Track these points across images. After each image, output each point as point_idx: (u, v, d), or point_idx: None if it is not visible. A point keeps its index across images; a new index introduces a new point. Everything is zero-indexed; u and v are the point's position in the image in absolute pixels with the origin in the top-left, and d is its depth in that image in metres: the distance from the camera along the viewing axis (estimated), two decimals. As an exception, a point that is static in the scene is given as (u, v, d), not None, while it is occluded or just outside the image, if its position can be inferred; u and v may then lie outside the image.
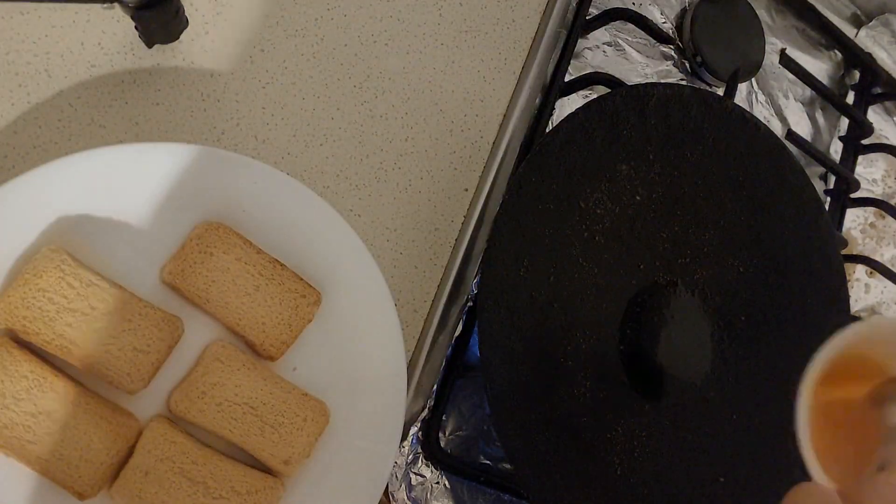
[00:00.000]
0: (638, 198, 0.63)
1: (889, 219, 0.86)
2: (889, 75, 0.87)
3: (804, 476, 0.61)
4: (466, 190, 0.64)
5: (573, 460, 0.58)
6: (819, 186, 0.83)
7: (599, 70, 0.70)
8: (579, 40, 0.69)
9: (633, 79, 0.73)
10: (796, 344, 0.67)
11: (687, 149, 0.64)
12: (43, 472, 0.46)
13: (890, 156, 0.87)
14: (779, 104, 0.83)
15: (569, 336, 0.59)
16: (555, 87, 0.67)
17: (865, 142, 0.85)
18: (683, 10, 0.77)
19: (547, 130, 0.65)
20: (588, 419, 0.59)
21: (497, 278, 0.55)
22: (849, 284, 0.82)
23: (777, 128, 0.82)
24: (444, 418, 0.60)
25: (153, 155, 0.51)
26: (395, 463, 0.57)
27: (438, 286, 0.62)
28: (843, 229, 0.83)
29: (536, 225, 0.57)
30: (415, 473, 0.59)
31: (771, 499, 0.65)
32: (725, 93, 0.71)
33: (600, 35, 0.72)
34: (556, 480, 0.56)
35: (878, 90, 0.87)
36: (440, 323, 0.61)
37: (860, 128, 0.84)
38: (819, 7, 0.84)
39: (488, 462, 0.62)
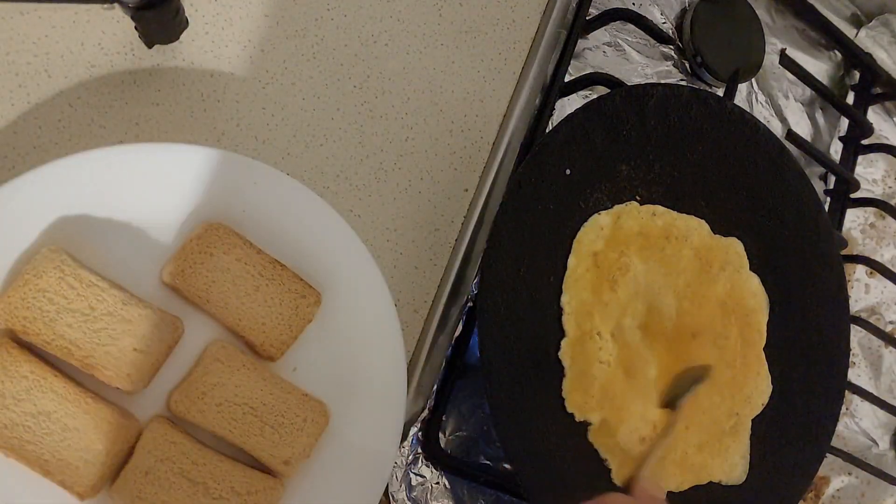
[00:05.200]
0: (638, 198, 0.63)
1: (889, 219, 0.86)
2: (889, 75, 0.87)
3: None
4: (466, 190, 0.64)
5: (574, 460, 0.58)
6: (819, 186, 0.83)
7: (599, 70, 0.70)
8: (579, 40, 0.69)
9: (633, 79, 0.72)
10: (796, 344, 0.67)
11: (686, 149, 0.64)
12: (43, 473, 0.46)
13: (890, 156, 0.87)
14: (779, 104, 0.83)
15: (569, 336, 0.59)
16: (555, 88, 0.67)
17: (865, 142, 0.85)
18: (683, 10, 0.77)
19: (547, 130, 0.65)
20: (588, 419, 0.59)
21: (497, 278, 0.55)
22: (849, 284, 0.82)
23: (777, 128, 0.82)
24: (444, 419, 0.60)
25: (153, 155, 0.51)
26: (395, 463, 0.57)
27: (438, 286, 0.62)
28: (843, 229, 0.83)
29: (536, 225, 0.57)
30: (415, 473, 0.59)
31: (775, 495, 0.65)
32: (725, 93, 0.71)
33: (600, 35, 0.72)
34: (557, 480, 0.56)
35: (878, 90, 0.87)
36: (440, 323, 0.61)
37: (860, 128, 0.84)
38: (819, 7, 0.84)
39: (488, 462, 0.62)
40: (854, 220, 0.86)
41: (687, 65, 0.77)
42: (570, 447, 0.58)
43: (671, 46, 0.75)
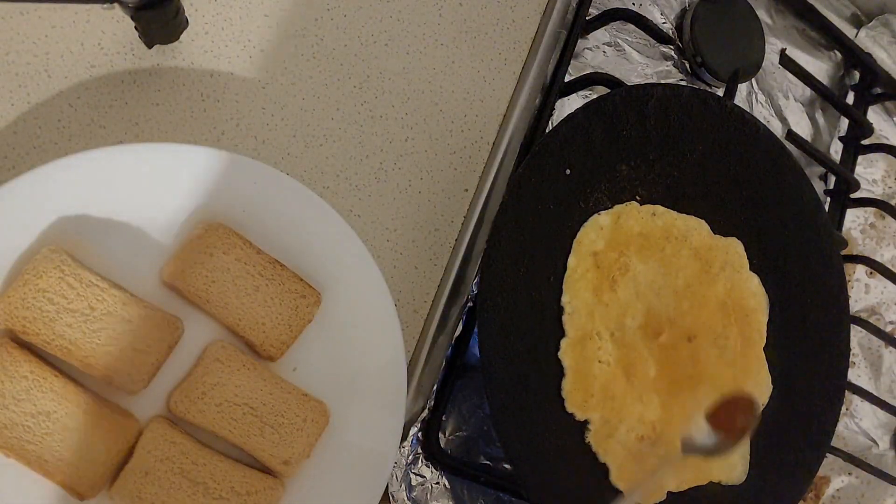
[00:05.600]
0: (638, 198, 0.63)
1: (889, 219, 0.86)
2: (889, 75, 0.87)
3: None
4: (466, 190, 0.64)
5: (573, 460, 0.58)
6: (819, 187, 0.83)
7: (599, 70, 0.70)
8: (579, 40, 0.69)
9: (633, 79, 0.72)
10: (796, 344, 0.67)
11: (686, 149, 0.64)
12: (43, 473, 0.46)
13: (890, 156, 0.87)
14: (779, 104, 0.82)
15: (569, 336, 0.59)
16: (555, 88, 0.67)
17: (865, 142, 0.85)
18: (683, 10, 0.77)
19: (547, 131, 0.65)
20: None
21: (497, 278, 0.55)
22: (849, 284, 0.82)
23: (777, 128, 0.82)
24: (444, 419, 0.60)
25: (153, 155, 0.51)
26: (395, 463, 0.57)
27: (438, 286, 0.62)
28: (843, 229, 0.83)
29: (536, 225, 0.57)
30: (415, 474, 0.59)
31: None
32: (725, 93, 0.71)
33: (600, 35, 0.72)
34: (556, 481, 0.56)
35: (878, 90, 0.87)
36: (440, 323, 0.61)
37: (860, 128, 0.84)
38: (819, 7, 0.84)
39: (488, 462, 0.62)
40: (854, 220, 0.86)
41: (687, 65, 0.77)
42: (569, 447, 0.58)
43: (671, 46, 0.75)
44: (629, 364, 0.59)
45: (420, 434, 0.59)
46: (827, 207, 0.82)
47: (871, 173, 0.88)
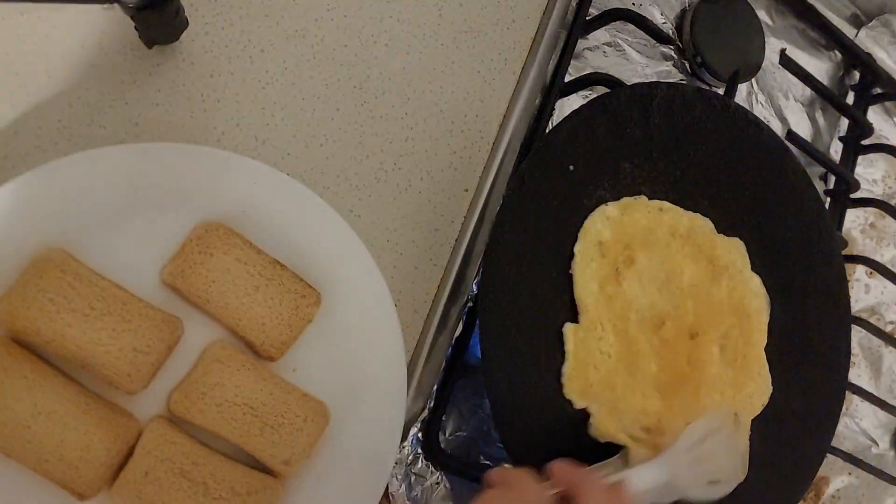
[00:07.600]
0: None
1: (889, 219, 0.86)
2: (889, 75, 0.87)
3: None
4: (466, 190, 0.64)
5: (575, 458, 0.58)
6: (819, 187, 0.83)
7: (599, 70, 0.70)
8: (579, 40, 0.69)
9: (633, 79, 0.72)
10: (797, 344, 0.67)
11: (690, 148, 0.64)
12: (43, 473, 0.46)
13: (890, 156, 0.87)
14: (779, 104, 0.83)
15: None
16: (555, 88, 0.67)
17: (865, 142, 0.85)
18: (683, 10, 0.77)
19: (547, 131, 0.65)
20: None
21: (497, 278, 0.55)
22: (849, 284, 0.82)
23: (777, 128, 0.82)
24: (444, 419, 0.60)
25: (153, 155, 0.51)
26: (395, 463, 0.57)
27: (438, 286, 0.62)
28: (843, 229, 0.83)
29: (538, 223, 0.57)
30: (415, 473, 0.59)
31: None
32: (725, 93, 0.71)
33: (600, 35, 0.72)
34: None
35: (878, 90, 0.87)
36: (440, 323, 0.61)
37: (860, 128, 0.84)
38: (819, 7, 0.84)
39: (488, 462, 0.62)
40: (854, 220, 0.86)
41: (687, 65, 0.77)
42: (570, 447, 0.58)
43: (671, 46, 0.75)
44: (631, 358, 0.59)
45: (420, 434, 0.59)
46: (827, 207, 0.82)
47: (871, 173, 0.88)
